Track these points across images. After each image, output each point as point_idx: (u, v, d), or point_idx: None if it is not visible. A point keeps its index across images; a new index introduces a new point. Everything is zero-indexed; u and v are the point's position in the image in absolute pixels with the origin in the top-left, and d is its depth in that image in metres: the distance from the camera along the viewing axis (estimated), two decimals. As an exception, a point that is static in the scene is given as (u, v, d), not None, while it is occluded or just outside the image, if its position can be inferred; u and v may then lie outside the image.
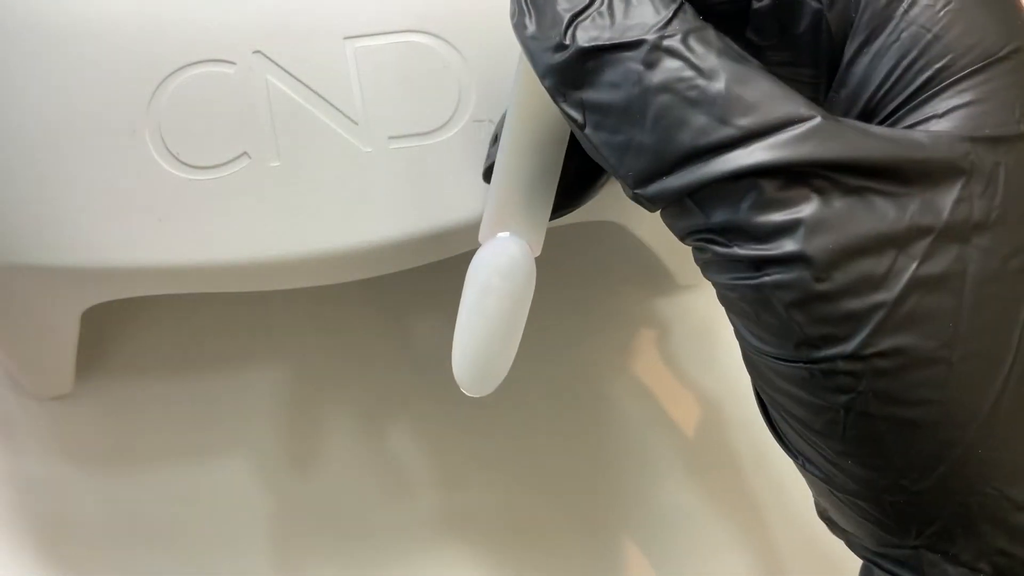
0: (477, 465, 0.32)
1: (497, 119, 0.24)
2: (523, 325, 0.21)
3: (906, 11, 0.17)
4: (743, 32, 0.19)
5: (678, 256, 0.32)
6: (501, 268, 0.21)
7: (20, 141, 0.23)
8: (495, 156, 0.21)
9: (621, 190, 0.19)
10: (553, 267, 0.32)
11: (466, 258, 0.21)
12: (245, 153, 0.23)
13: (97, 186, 0.23)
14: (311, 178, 0.23)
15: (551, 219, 0.22)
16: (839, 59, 0.18)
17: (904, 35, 0.17)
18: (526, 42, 0.18)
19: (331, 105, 0.23)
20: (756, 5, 0.18)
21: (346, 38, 0.23)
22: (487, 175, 0.23)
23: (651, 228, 0.29)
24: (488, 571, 0.31)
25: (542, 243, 0.21)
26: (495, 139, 0.23)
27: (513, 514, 0.32)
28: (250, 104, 0.23)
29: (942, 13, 0.16)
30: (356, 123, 0.23)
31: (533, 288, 0.21)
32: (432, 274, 0.29)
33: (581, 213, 0.25)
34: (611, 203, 0.26)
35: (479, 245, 0.21)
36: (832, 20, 0.18)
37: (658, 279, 0.34)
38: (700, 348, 0.34)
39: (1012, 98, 0.16)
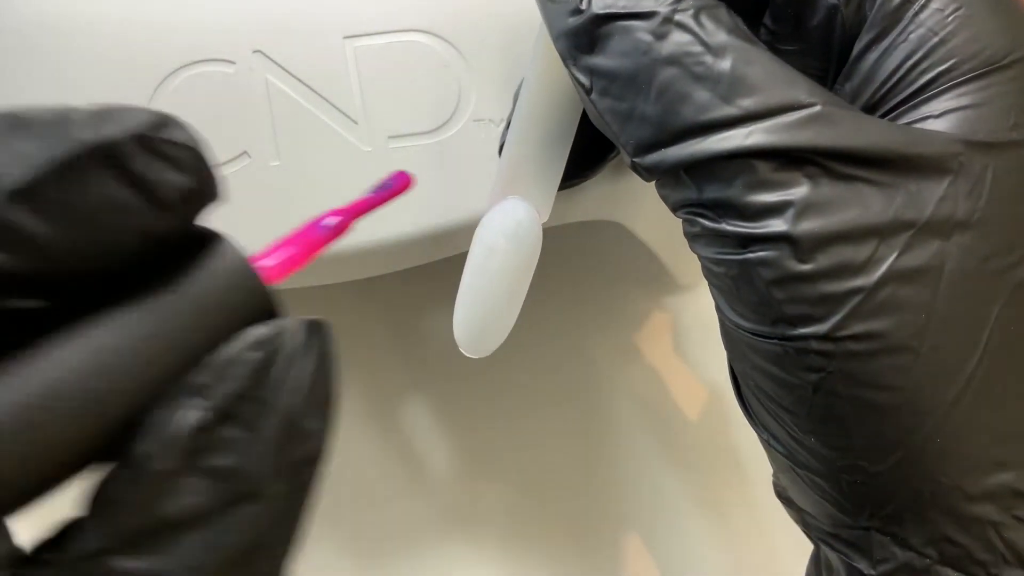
0: (479, 463, 0.32)
1: (497, 119, 0.24)
2: (526, 290, 0.21)
3: (916, 13, 0.17)
4: (761, 18, 0.19)
5: (678, 256, 0.32)
6: (507, 230, 0.21)
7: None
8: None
9: (622, 190, 0.19)
10: (554, 267, 0.32)
11: (465, 257, 0.21)
12: (245, 152, 0.23)
13: (97, 186, 0.23)
14: (311, 177, 0.23)
15: (561, 188, 0.22)
16: (849, 55, 0.18)
17: (912, 36, 0.17)
18: (544, 5, 0.18)
19: (331, 105, 0.23)
20: None
21: (346, 38, 0.23)
22: (502, 151, 0.23)
23: (651, 228, 0.29)
24: (490, 567, 0.31)
25: (550, 210, 0.22)
26: (508, 125, 0.24)
27: (515, 511, 0.32)
28: (250, 104, 0.23)
29: (951, 18, 0.17)
30: (356, 123, 0.23)
31: (538, 253, 0.21)
32: (433, 273, 0.29)
33: (582, 213, 0.25)
34: (611, 203, 0.26)
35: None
36: (847, 17, 0.18)
37: (658, 279, 0.34)
38: (700, 347, 0.34)
39: (1008, 105, 0.17)
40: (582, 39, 0.18)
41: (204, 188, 0.13)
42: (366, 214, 0.15)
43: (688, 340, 0.34)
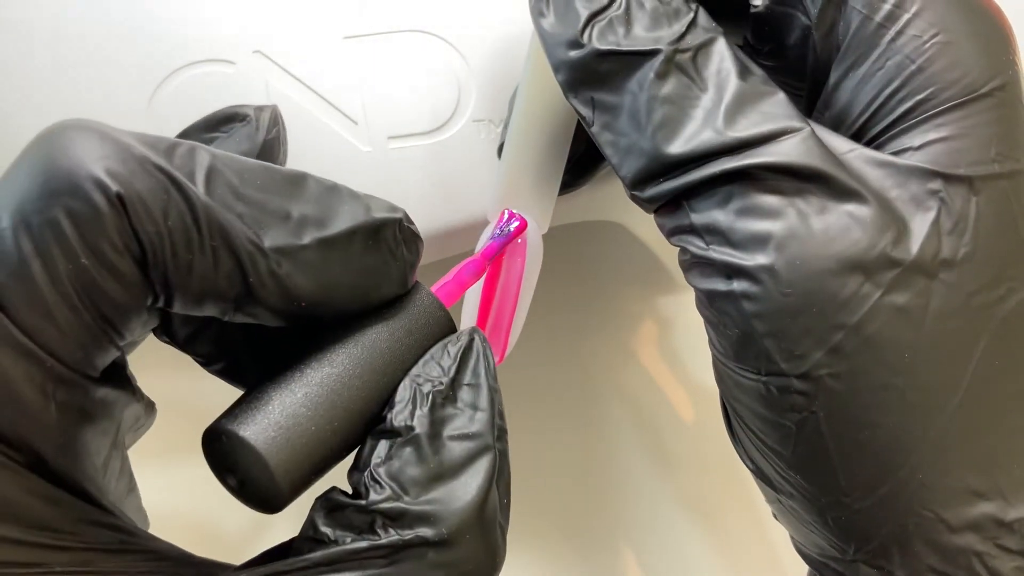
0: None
1: (497, 119, 0.24)
2: (529, 299, 0.22)
3: (893, 40, 0.17)
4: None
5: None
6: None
7: (22, 142, 0.23)
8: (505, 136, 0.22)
9: (621, 190, 0.19)
10: (555, 267, 0.32)
11: (466, 257, 0.21)
12: (245, 153, 0.23)
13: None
14: (311, 178, 0.23)
15: (560, 194, 0.22)
16: (823, 76, 0.18)
17: (889, 63, 0.17)
18: (543, 33, 0.18)
19: (331, 105, 0.23)
20: (753, 10, 0.18)
21: (346, 38, 0.23)
22: (501, 152, 0.24)
23: (651, 228, 0.29)
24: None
25: (549, 221, 0.22)
26: (506, 127, 0.24)
27: (513, 510, 0.32)
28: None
29: (928, 45, 0.16)
30: (356, 123, 0.23)
31: (540, 263, 0.22)
32: (433, 274, 0.29)
33: (582, 213, 0.25)
34: (611, 203, 0.26)
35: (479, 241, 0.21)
36: (818, 39, 0.18)
37: (658, 278, 0.34)
38: (700, 346, 0.34)
39: (990, 135, 0.16)
40: (584, 73, 0.18)
41: (417, 262, 0.17)
42: (495, 256, 0.21)
43: (686, 342, 0.34)
